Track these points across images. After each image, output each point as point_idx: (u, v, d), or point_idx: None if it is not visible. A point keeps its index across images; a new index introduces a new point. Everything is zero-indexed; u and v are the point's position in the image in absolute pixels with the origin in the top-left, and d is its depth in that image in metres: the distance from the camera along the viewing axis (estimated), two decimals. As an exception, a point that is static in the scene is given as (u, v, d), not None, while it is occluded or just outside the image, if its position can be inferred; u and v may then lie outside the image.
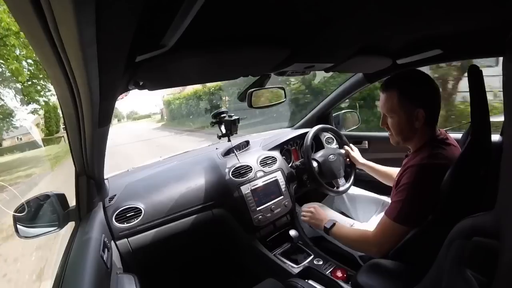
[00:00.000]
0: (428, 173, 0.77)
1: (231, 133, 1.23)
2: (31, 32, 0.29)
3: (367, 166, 1.31)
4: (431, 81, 0.82)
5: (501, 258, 0.39)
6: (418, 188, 0.77)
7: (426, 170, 0.77)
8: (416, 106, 0.80)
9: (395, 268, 0.81)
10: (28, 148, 15.52)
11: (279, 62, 0.77)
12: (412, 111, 0.81)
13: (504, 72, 0.41)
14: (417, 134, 0.84)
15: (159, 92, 41.67)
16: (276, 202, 1.27)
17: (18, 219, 0.76)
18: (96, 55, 0.32)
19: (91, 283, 0.58)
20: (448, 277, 0.50)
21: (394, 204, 0.81)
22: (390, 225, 0.80)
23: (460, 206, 0.69)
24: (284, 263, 1.16)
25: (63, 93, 0.43)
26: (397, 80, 0.85)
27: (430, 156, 0.78)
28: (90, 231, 0.78)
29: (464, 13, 0.66)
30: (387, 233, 0.81)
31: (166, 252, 1.09)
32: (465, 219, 0.52)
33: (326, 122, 1.68)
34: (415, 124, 0.81)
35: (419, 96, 0.80)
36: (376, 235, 0.85)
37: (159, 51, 0.49)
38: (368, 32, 0.73)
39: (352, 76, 1.46)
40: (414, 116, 0.81)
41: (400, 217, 0.78)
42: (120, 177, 1.25)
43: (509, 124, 0.41)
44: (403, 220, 0.78)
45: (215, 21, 0.50)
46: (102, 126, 0.61)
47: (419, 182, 0.77)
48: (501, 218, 0.42)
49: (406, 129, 0.84)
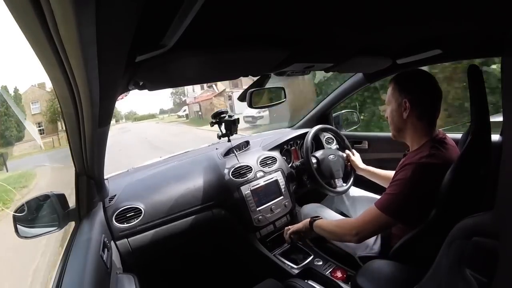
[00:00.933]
0: (424, 171, 0.78)
1: (231, 133, 1.23)
2: (31, 32, 0.29)
3: (367, 171, 1.31)
4: (430, 80, 0.85)
5: (501, 258, 0.39)
6: (411, 185, 0.78)
7: (422, 169, 0.78)
8: (404, 97, 0.86)
9: (395, 268, 0.81)
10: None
11: (279, 62, 0.77)
12: (400, 101, 0.87)
13: (504, 72, 0.41)
14: (408, 126, 0.88)
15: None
16: (276, 202, 1.27)
17: (18, 219, 0.76)
18: (96, 55, 0.32)
19: (91, 283, 0.58)
20: (448, 277, 0.50)
21: (385, 196, 0.83)
22: (375, 213, 0.82)
23: (460, 206, 0.69)
24: (284, 263, 1.16)
25: (63, 93, 0.43)
26: (399, 75, 0.91)
27: (428, 156, 0.79)
28: (90, 231, 0.78)
29: (464, 13, 0.66)
30: (370, 219, 0.83)
31: (166, 252, 1.09)
32: (465, 219, 0.52)
33: (326, 122, 1.68)
34: (404, 113, 0.86)
35: (409, 88, 0.86)
36: (358, 220, 0.87)
37: (159, 51, 0.49)
38: (368, 32, 0.73)
39: (352, 76, 1.46)
40: (402, 105, 0.86)
41: (387, 208, 0.80)
42: (120, 177, 1.25)
43: (509, 124, 0.41)
44: (389, 211, 0.80)
45: (215, 21, 0.50)
46: (102, 126, 0.61)
47: (414, 179, 0.78)
48: (501, 218, 0.42)
49: (396, 118, 0.90)
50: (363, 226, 0.84)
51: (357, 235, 0.85)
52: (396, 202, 0.79)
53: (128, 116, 40.83)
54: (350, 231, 0.86)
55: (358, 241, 0.86)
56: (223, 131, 1.23)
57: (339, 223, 0.94)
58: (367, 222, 0.83)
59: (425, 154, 0.80)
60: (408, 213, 0.79)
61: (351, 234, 0.86)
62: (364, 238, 0.86)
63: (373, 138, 1.61)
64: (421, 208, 0.78)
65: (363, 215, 0.86)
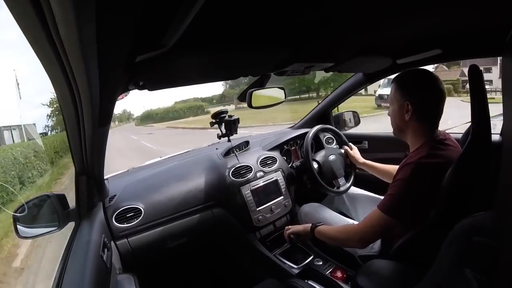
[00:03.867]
0: (424, 171, 0.78)
1: (231, 133, 1.23)
2: (31, 32, 0.29)
3: (367, 165, 1.31)
4: (433, 81, 0.83)
5: (501, 258, 0.39)
6: (411, 184, 0.78)
7: (422, 168, 0.78)
8: (406, 99, 0.85)
9: (395, 268, 0.81)
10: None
11: (279, 62, 0.78)
12: (403, 102, 0.86)
13: (504, 72, 0.41)
14: (409, 128, 0.88)
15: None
16: (276, 202, 1.27)
17: (18, 219, 0.76)
18: (96, 55, 0.32)
19: (91, 283, 0.58)
20: (448, 277, 0.50)
21: (386, 197, 0.83)
22: (377, 215, 0.82)
23: (460, 206, 0.69)
24: (284, 263, 1.16)
25: (63, 93, 0.43)
26: (401, 75, 0.90)
27: (427, 156, 0.80)
28: (90, 231, 0.78)
29: (464, 13, 0.66)
30: (373, 222, 0.83)
31: (166, 252, 1.09)
32: (465, 219, 0.52)
33: (326, 122, 1.68)
34: (405, 116, 0.86)
35: (410, 91, 0.85)
36: (360, 226, 0.86)
37: (159, 51, 0.49)
38: (368, 32, 0.73)
39: (352, 76, 1.46)
40: (404, 107, 0.86)
41: (389, 209, 0.80)
42: (120, 177, 1.25)
43: (509, 124, 0.41)
44: (391, 212, 0.80)
45: (215, 21, 0.50)
46: (102, 126, 0.61)
47: (414, 178, 0.78)
48: (501, 217, 0.42)
49: (397, 119, 0.90)
50: (365, 230, 0.84)
51: (360, 240, 0.84)
52: (396, 202, 0.80)
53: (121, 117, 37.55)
54: (354, 237, 0.86)
55: (362, 246, 0.86)
56: (223, 131, 1.22)
57: (342, 230, 0.93)
58: (370, 226, 0.83)
59: (424, 154, 0.80)
60: (408, 212, 0.79)
61: (355, 240, 0.86)
62: (368, 242, 0.85)
63: (373, 138, 1.61)
64: (421, 208, 0.78)
65: (365, 220, 0.85)
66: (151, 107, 35.24)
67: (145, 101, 69.25)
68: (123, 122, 35.86)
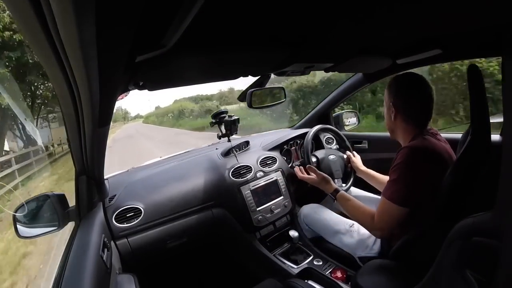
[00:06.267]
0: (418, 153, 0.82)
1: (231, 133, 1.23)
2: (31, 32, 0.29)
3: (366, 174, 1.31)
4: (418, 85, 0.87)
5: (501, 258, 0.39)
6: (409, 166, 0.81)
7: (416, 151, 0.83)
8: (391, 101, 0.92)
9: (395, 268, 0.81)
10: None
11: (279, 62, 0.77)
12: (389, 104, 0.93)
13: (504, 72, 0.41)
14: (398, 128, 0.93)
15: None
16: (276, 203, 1.27)
17: (18, 219, 0.76)
18: (96, 56, 0.32)
19: (90, 283, 0.58)
20: (448, 277, 0.50)
21: (389, 184, 0.85)
22: (389, 207, 0.83)
23: (460, 206, 0.69)
24: (284, 264, 1.16)
25: (63, 93, 0.43)
26: (393, 78, 0.95)
27: (418, 141, 0.85)
28: (90, 231, 0.77)
29: (464, 13, 0.66)
30: (387, 216, 0.84)
31: (166, 252, 1.09)
32: (465, 219, 0.52)
33: (326, 122, 1.68)
34: (392, 116, 0.93)
35: (396, 93, 0.91)
36: (376, 220, 0.88)
37: (159, 51, 0.49)
38: (368, 32, 0.73)
39: (352, 76, 1.46)
40: (390, 108, 0.92)
41: (398, 198, 0.81)
42: (120, 177, 1.25)
43: (509, 124, 0.42)
44: (401, 202, 0.81)
45: (215, 21, 0.50)
46: (102, 126, 0.61)
47: (410, 160, 0.81)
48: (501, 218, 0.42)
49: (387, 120, 0.96)
50: (383, 225, 0.86)
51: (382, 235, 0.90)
52: (401, 188, 0.81)
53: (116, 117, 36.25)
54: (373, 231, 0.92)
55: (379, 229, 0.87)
56: (223, 131, 1.23)
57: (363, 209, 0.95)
58: (388, 221, 0.85)
59: (416, 141, 0.86)
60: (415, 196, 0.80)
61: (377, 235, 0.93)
62: (389, 233, 0.88)
63: (373, 138, 1.61)
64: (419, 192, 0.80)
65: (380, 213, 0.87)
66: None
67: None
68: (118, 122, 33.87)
